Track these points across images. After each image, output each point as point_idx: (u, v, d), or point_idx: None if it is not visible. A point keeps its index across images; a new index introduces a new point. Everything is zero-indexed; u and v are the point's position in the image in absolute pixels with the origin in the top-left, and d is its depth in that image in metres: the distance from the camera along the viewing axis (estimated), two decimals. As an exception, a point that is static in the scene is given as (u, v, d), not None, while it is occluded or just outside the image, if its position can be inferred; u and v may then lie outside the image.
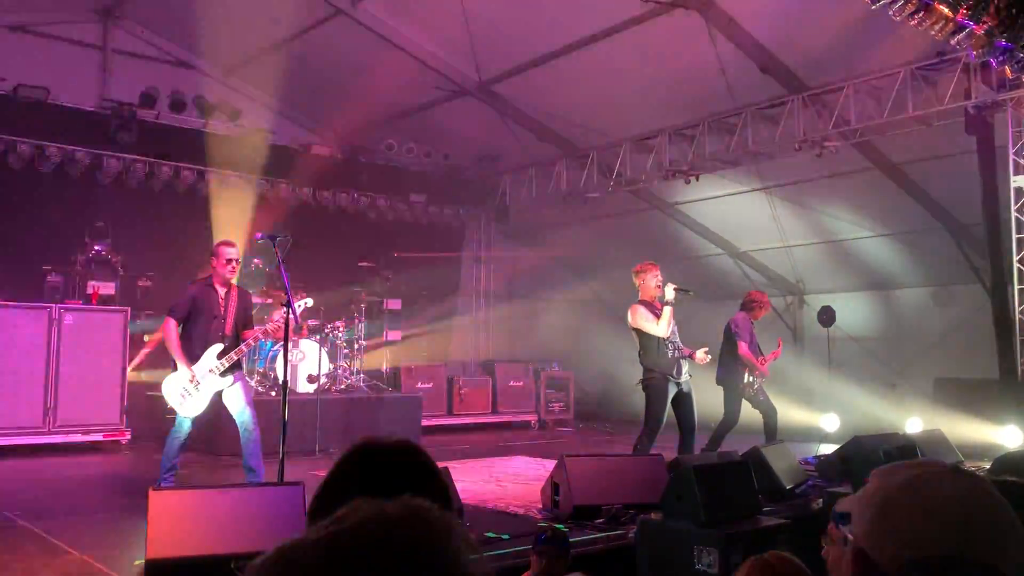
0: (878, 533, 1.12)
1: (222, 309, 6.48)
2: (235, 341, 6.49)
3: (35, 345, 9.11)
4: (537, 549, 4.08)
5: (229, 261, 6.50)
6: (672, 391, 7.36)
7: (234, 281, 6.63)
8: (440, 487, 1.33)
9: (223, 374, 6.36)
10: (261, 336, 6.57)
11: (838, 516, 1.24)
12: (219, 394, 6.41)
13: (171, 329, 6.35)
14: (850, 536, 1.18)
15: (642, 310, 7.37)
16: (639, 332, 7.42)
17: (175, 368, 6.36)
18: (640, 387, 7.53)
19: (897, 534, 1.10)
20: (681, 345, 7.48)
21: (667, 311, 7.30)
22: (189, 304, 6.41)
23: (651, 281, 7.42)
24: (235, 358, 6.40)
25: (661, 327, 7.25)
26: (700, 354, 7.50)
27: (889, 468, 1.19)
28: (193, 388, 6.27)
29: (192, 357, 6.34)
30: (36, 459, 8.80)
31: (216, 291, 6.51)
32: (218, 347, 6.39)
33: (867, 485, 1.19)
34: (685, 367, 7.47)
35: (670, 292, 7.35)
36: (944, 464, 1.19)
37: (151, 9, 12.17)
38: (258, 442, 6.37)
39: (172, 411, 6.39)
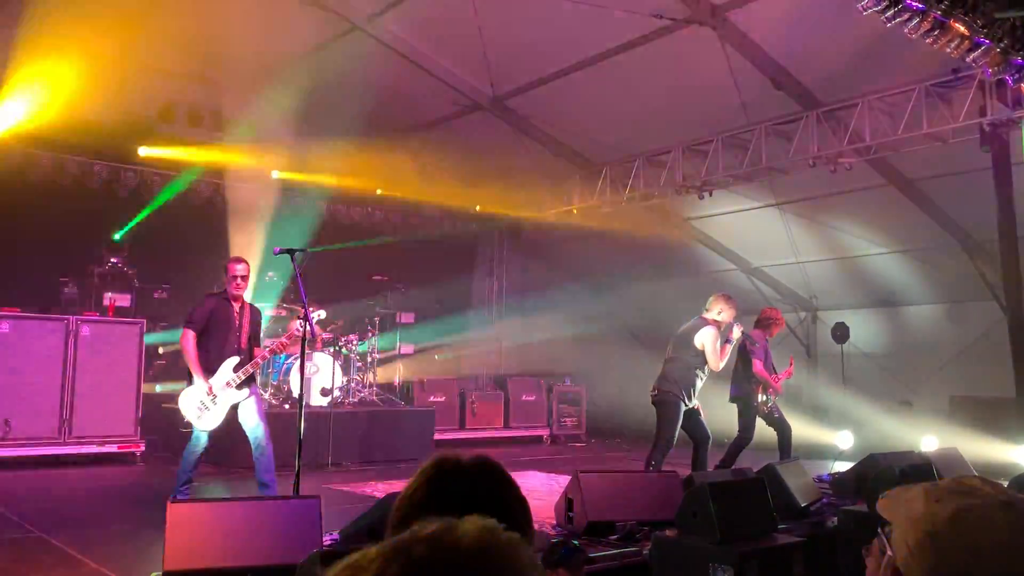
0: (919, 563, 1.10)
1: (237, 322, 6.51)
2: (249, 355, 6.53)
3: (52, 356, 9.18)
4: (555, 562, 3.99)
5: (234, 278, 6.52)
6: (682, 409, 7.45)
7: (246, 297, 6.69)
8: (520, 506, 1.33)
9: (239, 387, 6.38)
10: (278, 350, 6.59)
11: (879, 520, 1.21)
12: (234, 408, 6.43)
13: (189, 340, 6.36)
14: (889, 549, 1.16)
15: (717, 334, 7.51)
16: (684, 345, 7.53)
17: (191, 382, 6.38)
18: (652, 401, 7.62)
19: (938, 569, 1.08)
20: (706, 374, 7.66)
21: (729, 348, 7.56)
22: (207, 316, 6.44)
23: (728, 314, 7.64)
24: (251, 371, 6.43)
25: (720, 364, 7.50)
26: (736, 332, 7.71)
27: (937, 492, 1.16)
28: (211, 402, 6.29)
29: (209, 370, 6.35)
30: (52, 470, 8.85)
31: (231, 305, 6.55)
32: (234, 360, 6.41)
33: (913, 503, 1.16)
34: (696, 392, 7.60)
35: (737, 332, 7.66)
36: (995, 493, 1.15)
37: (169, 23, 12.27)
38: (271, 457, 6.39)
39: (189, 425, 6.41)
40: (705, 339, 7.49)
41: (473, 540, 0.78)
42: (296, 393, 6.05)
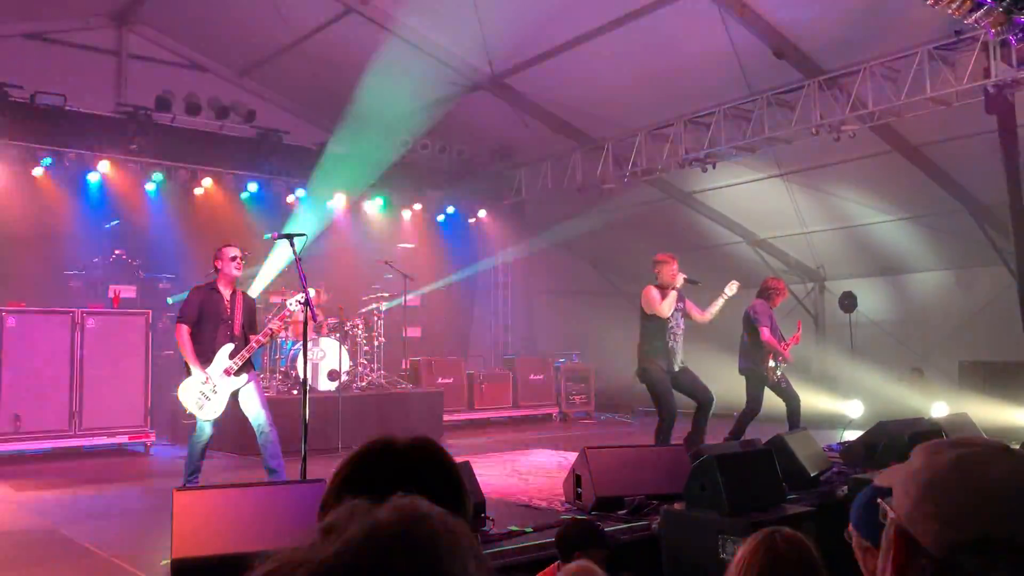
0: (923, 513, 1.08)
1: (228, 311, 6.51)
2: (244, 342, 6.53)
3: (59, 350, 9.19)
4: (572, 546, 3.84)
5: (234, 259, 6.52)
6: (668, 377, 7.57)
7: (238, 283, 6.68)
8: (455, 485, 1.30)
9: (237, 373, 6.39)
10: (273, 331, 6.59)
11: (877, 490, 1.19)
12: (235, 395, 6.43)
13: (184, 334, 6.39)
14: (891, 513, 1.13)
15: (654, 291, 7.68)
16: (643, 316, 7.70)
17: (189, 373, 6.38)
18: (638, 379, 7.80)
19: (943, 514, 1.06)
20: (680, 333, 7.73)
21: (672, 295, 7.65)
22: (198, 309, 6.44)
23: (668, 271, 7.71)
24: (247, 356, 6.42)
25: (664, 308, 7.57)
26: (730, 290, 7.74)
27: (935, 445, 1.14)
28: (210, 391, 6.30)
29: (205, 360, 6.37)
30: (63, 462, 8.89)
31: (221, 294, 6.54)
32: (229, 347, 6.43)
33: (911, 461, 1.14)
34: (679, 357, 7.69)
35: (680, 280, 7.71)
36: (994, 443, 1.14)
37: (165, 13, 12.23)
38: (276, 443, 6.40)
39: (191, 416, 6.42)
40: (643, 302, 7.70)
41: (399, 538, 0.71)
42: (303, 377, 6.03)
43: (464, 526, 0.77)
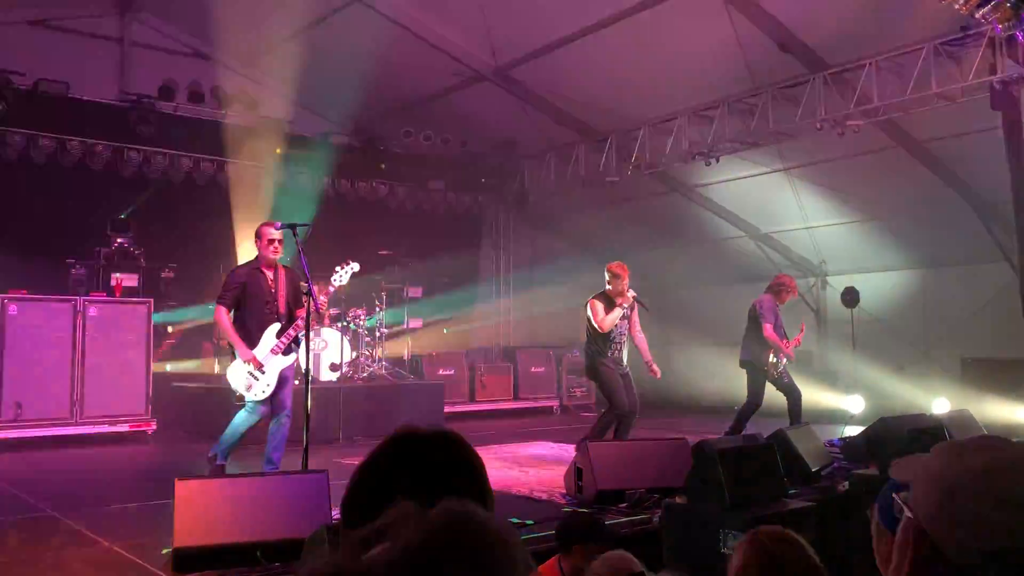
0: (945, 520, 1.06)
1: (272, 290, 6.42)
2: (289, 319, 6.44)
3: (61, 337, 9.20)
4: (571, 539, 3.84)
5: (271, 241, 6.39)
6: (614, 370, 7.54)
7: (280, 261, 6.59)
8: (481, 481, 1.29)
9: (286, 352, 6.34)
10: (322, 306, 6.47)
11: (895, 484, 1.17)
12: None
13: (223, 316, 6.32)
14: (908, 510, 1.12)
15: (598, 306, 7.59)
16: (588, 322, 7.66)
17: (235, 356, 6.31)
18: (587, 375, 7.85)
19: (967, 523, 1.04)
20: (622, 342, 7.68)
21: (617, 312, 7.54)
22: (239, 289, 6.35)
23: (618, 285, 7.60)
24: (293, 334, 6.34)
25: (606, 323, 7.49)
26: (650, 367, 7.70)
27: (957, 447, 1.12)
28: (258, 371, 6.26)
29: (251, 342, 6.29)
30: (64, 450, 8.90)
31: (264, 274, 6.44)
32: (276, 326, 6.35)
33: (932, 461, 1.12)
34: (624, 358, 7.67)
35: (629, 297, 7.61)
36: (1017, 447, 1.11)
37: (168, 1, 12.19)
38: (284, 436, 6.38)
39: (241, 398, 6.39)
40: (587, 314, 7.63)
41: (457, 544, 0.70)
42: (304, 368, 6.00)
43: (515, 531, 0.76)
